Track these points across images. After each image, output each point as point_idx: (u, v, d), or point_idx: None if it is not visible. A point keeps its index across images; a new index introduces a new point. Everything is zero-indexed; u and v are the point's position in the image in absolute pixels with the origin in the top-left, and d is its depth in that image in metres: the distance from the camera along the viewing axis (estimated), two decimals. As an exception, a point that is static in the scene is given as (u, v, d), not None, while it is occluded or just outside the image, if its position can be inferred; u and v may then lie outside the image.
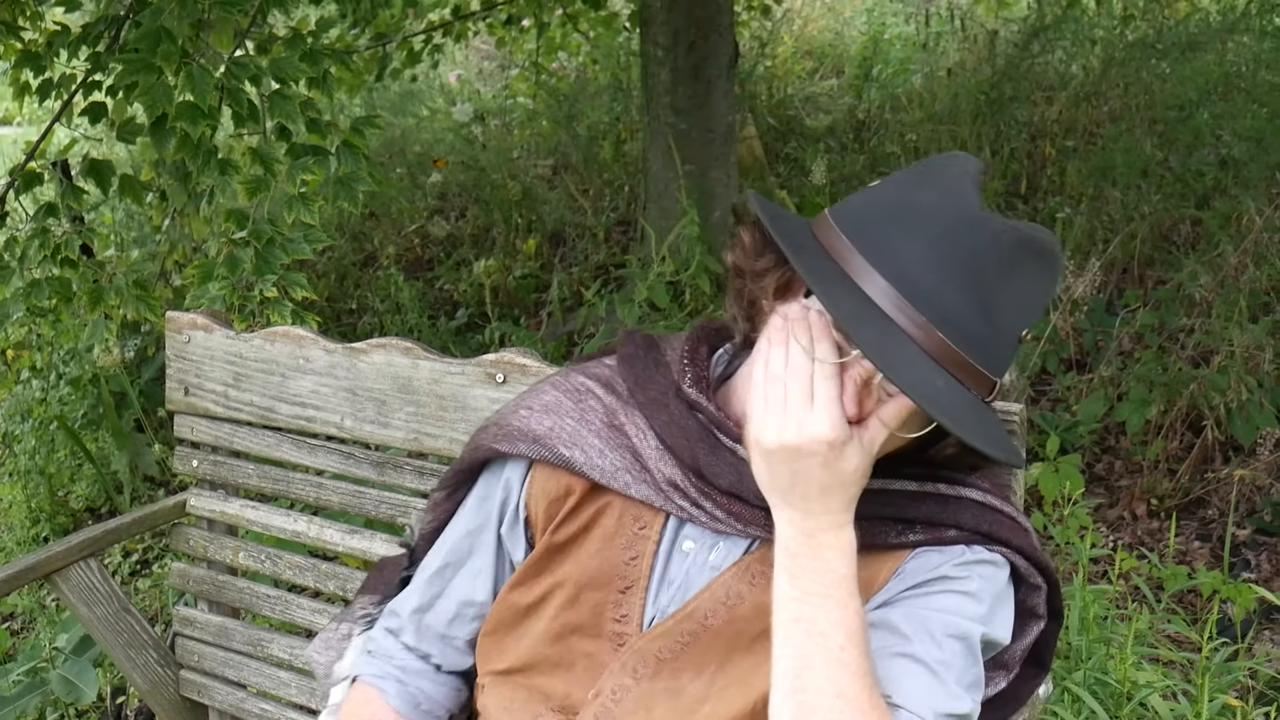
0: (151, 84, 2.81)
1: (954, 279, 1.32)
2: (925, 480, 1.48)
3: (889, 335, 1.31)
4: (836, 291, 1.32)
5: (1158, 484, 3.85)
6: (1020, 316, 1.36)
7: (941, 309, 1.31)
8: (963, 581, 1.44)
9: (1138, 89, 5.98)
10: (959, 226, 1.34)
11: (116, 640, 2.51)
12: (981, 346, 1.33)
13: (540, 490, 1.59)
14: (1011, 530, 1.49)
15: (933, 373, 1.30)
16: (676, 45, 4.92)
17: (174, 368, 2.49)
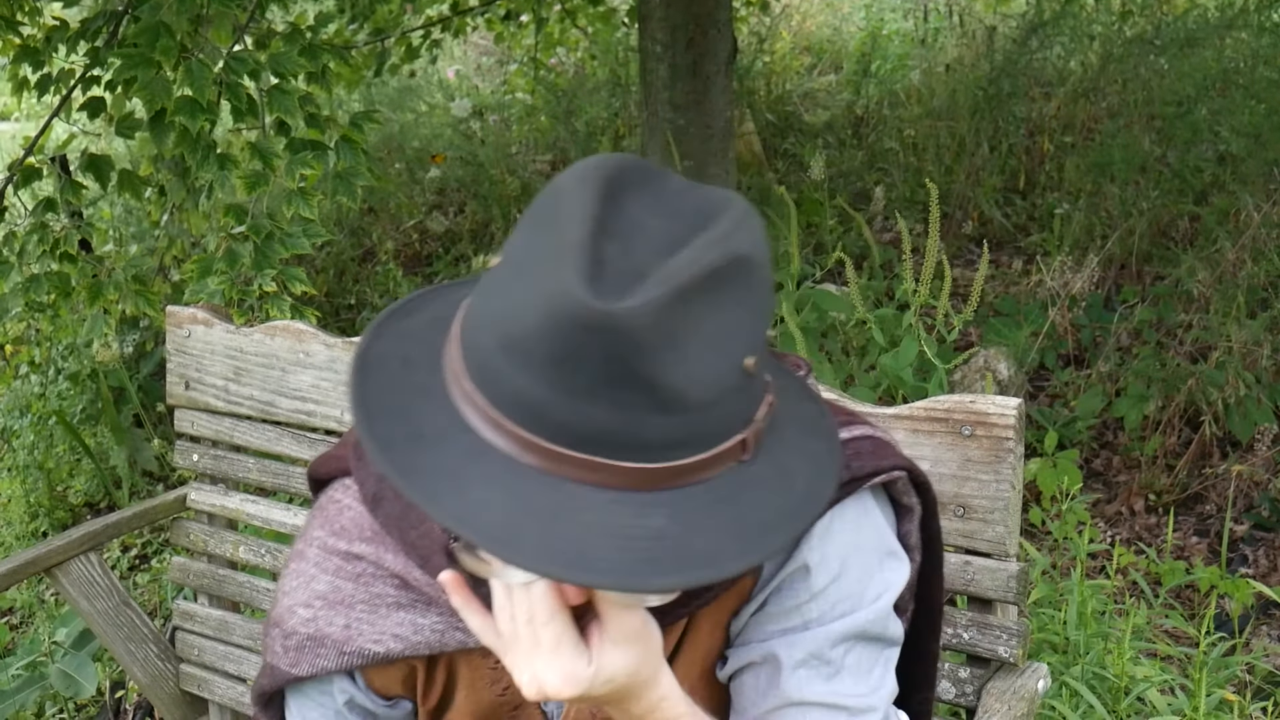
0: (150, 79, 2.81)
1: (595, 390, 1.01)
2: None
3: (538, 512, 1.03)
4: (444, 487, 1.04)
5: (1156, 479, 3.85)
6: (715, 369, 1.03)
7: (597, 433, 1.02)
8: (822, 569, 1.27)
9: (1136, 85, 5.98)
10: (575, 326, 0.99)
11: (116, 634, 2.51)
12: (678, 438, 1.04)
13: (387, 680, 1.41)
14: (872, 453, 1.31)
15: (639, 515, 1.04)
16: (675, 41, 4.92)
17: (174, 362, 2.50)
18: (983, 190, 5.63)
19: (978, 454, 1.68)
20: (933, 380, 2.93)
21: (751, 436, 1.08)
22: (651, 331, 0.99)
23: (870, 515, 1.31)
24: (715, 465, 1.06)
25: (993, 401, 1.67)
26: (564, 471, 1.03)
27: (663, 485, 1.04)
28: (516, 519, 1.02)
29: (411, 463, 1.06)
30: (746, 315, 1.05)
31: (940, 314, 2.86)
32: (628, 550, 1.01)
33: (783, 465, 1.11)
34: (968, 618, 1.74)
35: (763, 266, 1.07)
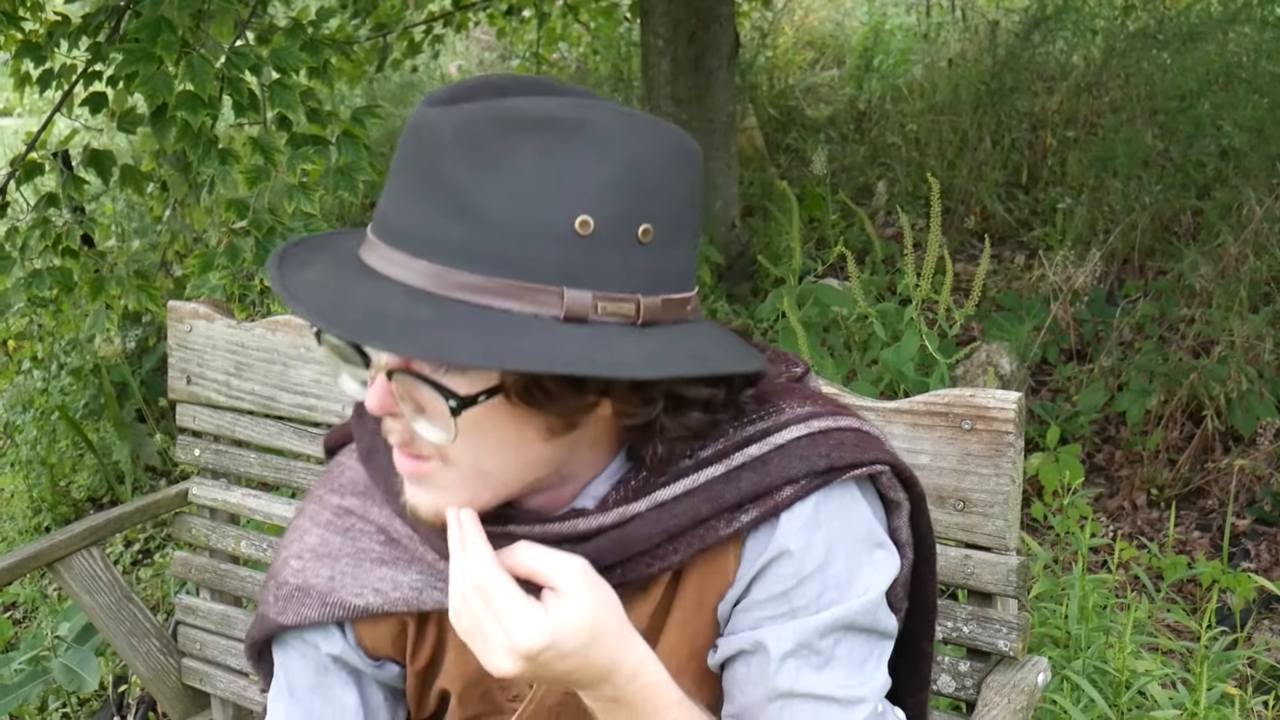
0: (152, 74, 2.81)
1: (409, 187, 1.12)
2: (730, 454, 1.26)
3: (336, 285, 1.12)
4: (295, 279, 1.14)
5: (1157, 474, 3.86)
6: (530, 201, 1.07)
7: (403, 228, 1.11)
8: (809, 554, 1.26)
9: (1138, 79, 5.97)
10: (415, 130, 1.13)
11: (119, 629, 2.51)
12: (469, 248, 1.08)
13: (375, 637, 1.42)
14: (857, 445, 1.28)
15: (411, 303, 1.08)
16: (677, 36, 4.92)
17: (176, 357, 2.50)
18: (985, 185, 5.63)
19: (978, 448, 1.68)
20: (934, 375, 2.93)
21: (571, 298, 1.09)
22: (456, 137, 1.08)
23: (857, 506, 1.29)
24: (514, 299, 1.08)
25: (993, 395, 1.67)
26: (380, 265, 1.11)
27: (448, 291, 1.08)
28: (322, 292, 1.10)
29: (292, 255, 1.19)
30: (585, 176, 1.08)
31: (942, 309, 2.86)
32: (377, 320, 1.06)
33: (611, 343, 1.10)
34: (968, 611, 1.74)
35: (623, 148, 1.10)
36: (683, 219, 1.17)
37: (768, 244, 5.23)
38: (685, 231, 1.19)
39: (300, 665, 1.44)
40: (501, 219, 1.07)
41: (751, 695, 1.29)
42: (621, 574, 1.26)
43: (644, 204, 1.12)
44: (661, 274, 1.15)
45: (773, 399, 1.31)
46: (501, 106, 1.10)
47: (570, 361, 1.06)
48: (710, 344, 1.18)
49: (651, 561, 1.26)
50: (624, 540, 1.25)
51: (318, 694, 1.43)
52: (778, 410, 1.29)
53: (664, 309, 1.15)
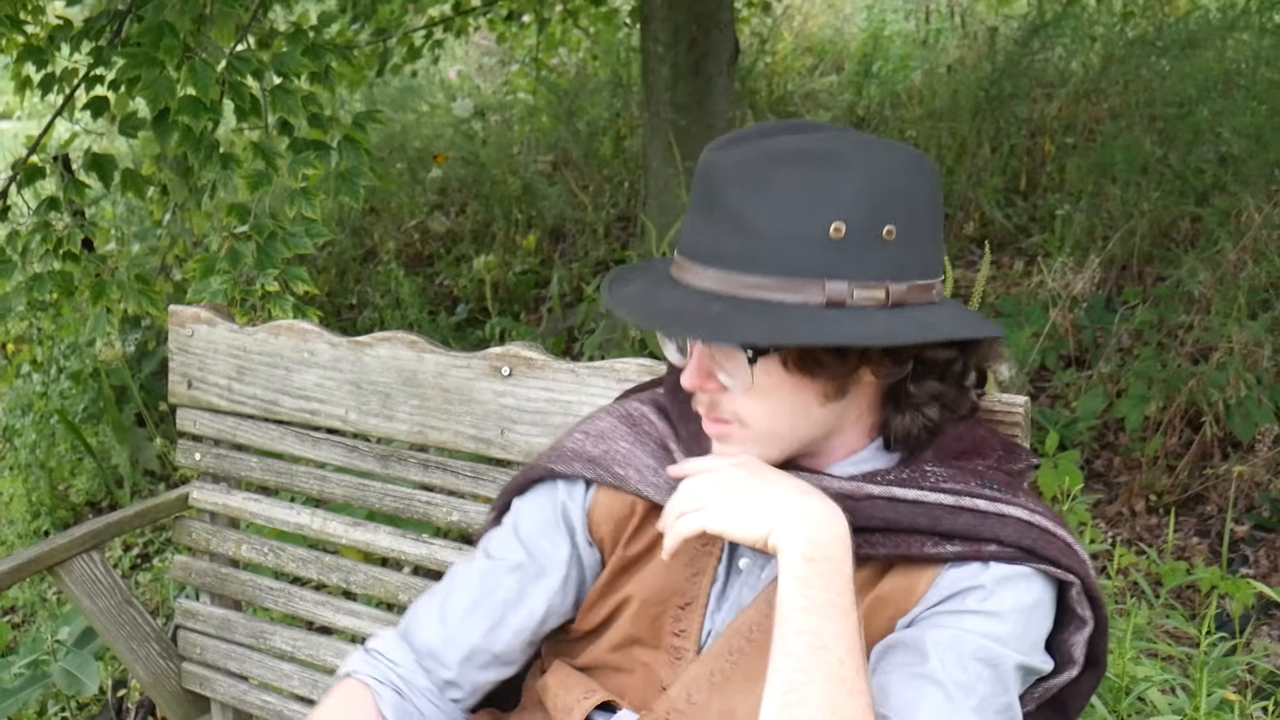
0: (154, 78, 2.82)
1: (700, 215, 1.40)
2: (962, 495, 1.45)
3: (650, 294, 1.43)
4: (620, 293, 1.47)
5: (1156, 480, 3.86)
6: (793, 215, 1.35)
7: (695, 246, 1.40)
8: (995, 599, 1.41)
9: (1137, 86, 5.98)
10: (703, 170, 1.41)
11: (119, 633, 2.52)
12: (747, 255, 1.35)
13: (605, 512, 1.63)
14: (1062, 552, 1.44)
15: (705, 301, 1.37)
16: (677, 41, 4.92)
17: (177, 361, 2.50)
18: (984, 191, 5.63)
19: (980, 453, 1.68)
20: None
21: (831, 287, 1.34)
22: (734, 171, 1.37)
23: (1042, 606, 1.44)
24: (785, 291, 1.35)
25: (999, 399, 1.68)
26: (682, 276, 1.42)
27: (733, 290, 1.36)
28: (636, 298, 1.44)
29: (616, 278, 1.52)
30: (836, 191, 1.34)
31: (942, 314, 2.86)
32: (680, 315, 1.38)
33: (867, 319, 1.35)
34: (969, 617, 1.74)
35: (868, 168, 1.36)
36: (921, 219, 1.41)
37: (767, 249, 5.22)
38: (925, 229, 1.42)
39: (537, 509, 1.67)
40: (771, 231, 1.34)
41: (890, 673, 1.38)
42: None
43: (885, 210, 1.36)
44: (905, 264, 1.39)
45: (1015, 489, 1.49)
46: (768, 145, 1.39)
47: (830, 335, 1.33)
48: (945, 319, 1.41)
49: (861, 544, 1.42)
50: (854, 510, 1.42)
51: (543, 534, 1.65)
52: (1017, 495, 1.47)
53: (910, 293, 1.39)
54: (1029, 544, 1.42)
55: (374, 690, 1.58)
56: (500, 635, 1.62)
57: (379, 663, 1.61)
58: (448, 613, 1.63)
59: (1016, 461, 1.54)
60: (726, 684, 1.50)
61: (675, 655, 1.56)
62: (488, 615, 1.62)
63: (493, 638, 1.62)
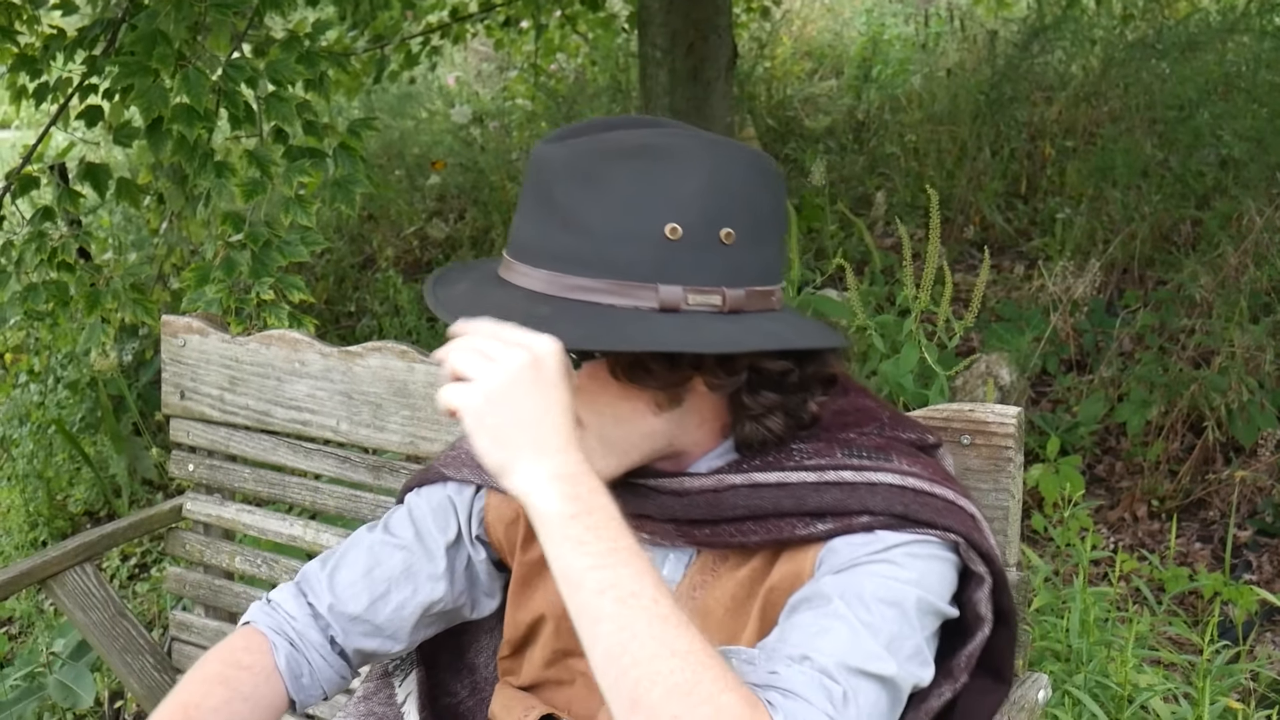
0: (148, 87, 2.81)
1: (529, 212, 1.35)
2: (826, 470, 1.42)
3: (476, 295, 1.37)
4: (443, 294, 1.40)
5: (1158, 485, 3.84)
6: (626, 214, 1.29)
7: (525, 244, 1.35)
8: (890, 553, 1.36)
9: (1137, 89, 5.97)
10: (534, 165, 1.36)
11: (113, 645, 2.50)
12: (577, 255, 1.30)
13: (496, 515, 1.64)
14: (941, 511, 1.40)
15: (533, 303, 1.31)
16: (675, 47, 4.91)
17: (169, 371, 2.49)
18: (984, 195, 5.62)
19: (977, 463, 1.66)
20: (934, 387, 2.92)
21: (665, 291, 1.29)
22: (565, 165, 1.31)
23: (937, 560, 1.39)
24: (617, 295, 1.29)
25: (992, 410, 1.66)
26: (510, 275, 1.36)
27: (563, 293, 1.31)
28: (463, 301, 1.35)
29: (442, 277, 1.45)
30: (674, 189, 1.30)
31: (941, 320, 2.85)
32: (505, 318, 1.27)
33: (697, 327, 1.30)
34: (968, 628, 1.72)
35: (706, 166, 1.31)
36: (762, 223, 1.36)
37: (766, 255, 5.21)
38: (767, 234, 1.37)
39: (429, 497, 1.69)
40: (603, 229, 1.30)
41: (796, 618, 1.33)
42: (710, 534, 1.44)
43: (725, 211, 1.32)
44: (744, 269, 1.34)
45: (889, 451, 1.45)
46: (603, 138, 1.34)
47: (664, 341, 1.27)
48: (786, 327, 1.36)
49: (734, 533, 1.42)
50: (716, 504, 1.42)
51: (434, 519, 1.66)
52: (886, 459, 1.44)
53: (748, 299, 1.34)
54: (900, 510, 1.38)
55: (270, 640, 1.60)
56: (381, 609, 1.63)
57: (277, 614, 1.63)
58: (336, 580, 1.63)
59: (907, 430, 1.51)
60: None
61: None
62: (370, 589, 1.62)
63: (374, 610, 1.62)
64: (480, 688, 1.83)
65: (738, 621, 1.45)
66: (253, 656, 1.58)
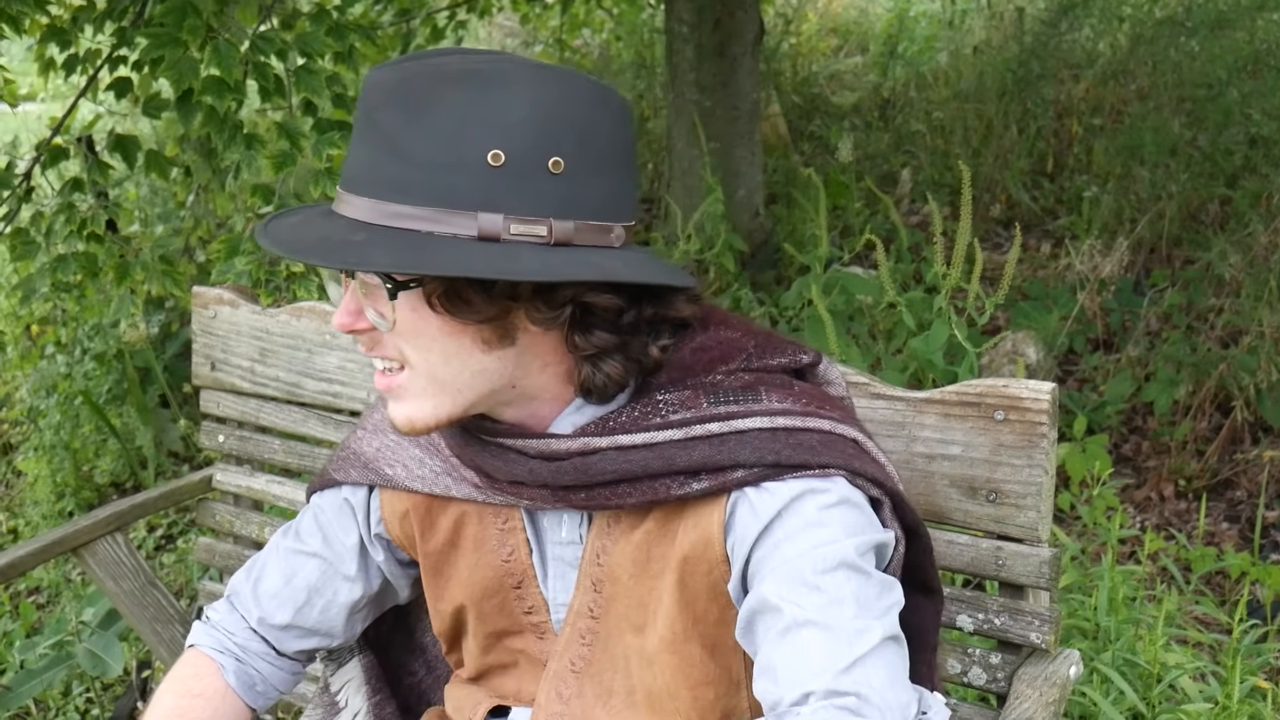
0: (178, 58, 2.80)
1: (357, 140, 1.31)
2: (692, 424, 1.36)
3: (303, 227, 1.33)
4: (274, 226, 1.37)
5: (1185, 465, 3.83)
6: (449, 140, 1.24)
7: (352, 174, 1.31)
8: (795, 518, 1.32)
9: (1166, 67, 5.93)
10: (363, 91, 1.32)
11: (143, 614, 2.51)
12: (399, 183, 1.26)
13: (390, 512, 1.63)
14: (816, 449, 1.35)
15: (352, 230, 1.27)
16: (701, 22, 4.90)
17: (200, 343, 2.49)
18: (1010, 173, 5.59)
19: (1010, 439, 1.66)
20: (964, 364, 2.91)
21: (484, 220, 1.25)
22: (391, 90, 1.27)
23: (844, 499, 1.34)
24: (435, 223, 1.26)
25: (1026, 385, 1.65)
26: (339, 207, 1.32)
27: (382, 220, 1.27)
28: (287, 231, 1.33)
29: (280, 213, 1.41)
30: (498, 116, 1.25)
31: (971, 297, 2.84)
32: (322, 244, 1.28)
33: (515, 255, 1.25)
34: (999, 603, 1.72)
35: (535, 93, 1.27)
36: (600, 154, 1.30)
37: (792, 231, 5.21)
38: (606, 166, 1.31)
39: (331, 499, 1.68)
40: (424, 156, 1.25)
41: (764, 646, 1.30)
42: (586, 498, 1.40)
43: (554, 140, 1.26)
44: (575, 202, 1.28)
45: (757, 389, 1.40)
46: (431, 63, 1.29)
47: (470, 268, 1.23)
48: (620, 263, 1.30)
49: (609, 496, 1.39)
50: (585, 468, 1.38)
51: (338, 522, 1.66)
52: (755, 399, 1.39)
53: (578, 233, 1.29)
54: (773, 458, 1.33)
55: (216, 661, 1.64)
56: (308, 615, 1.66)
57: (217, 632, 1.67)
58: (260, 593, 1.66)
59: (776, 355, 1.45)
60: (591, 668, 1.50)
61: (539, 632, 1.56)
62: (292, 599, 1.65)
63: (301, 616, 1.66)
64: (434, 666, 1.88)
65: (644, 586, 1.43)
66: (203, 682, 1.63)
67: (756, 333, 1.47)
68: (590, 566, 1.47)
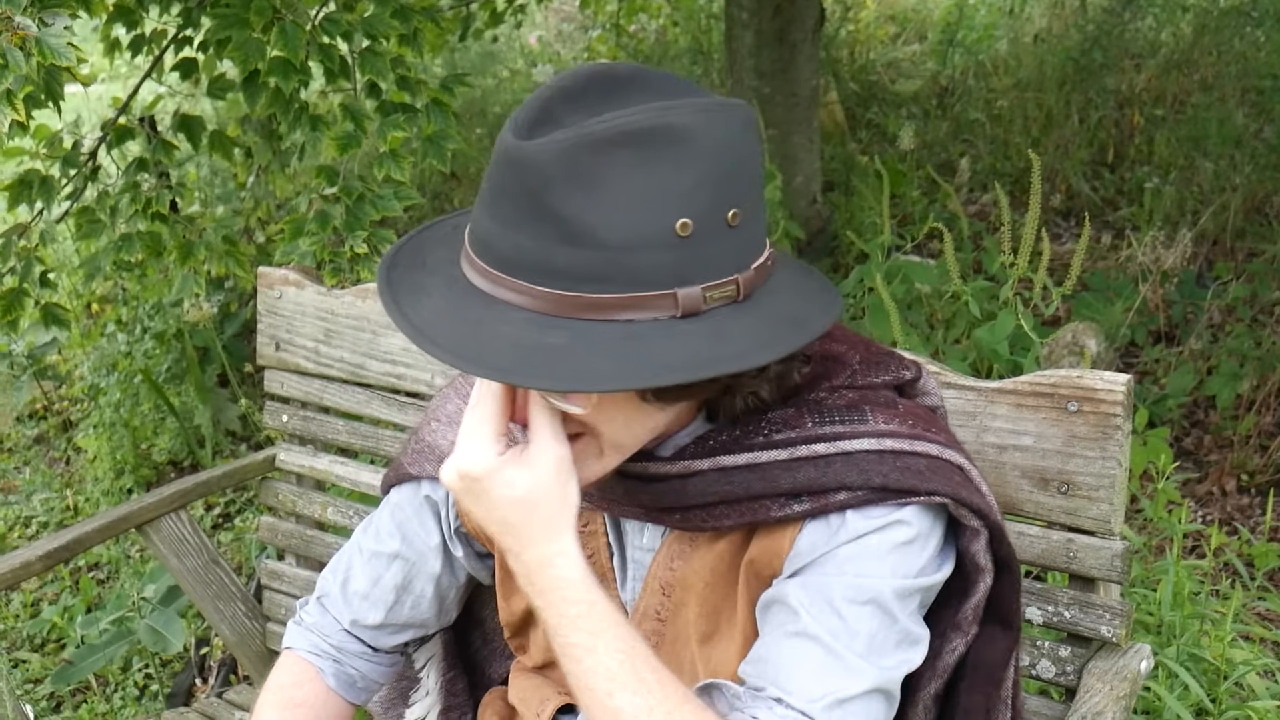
0: (245, 39, 2.81)
1: (513, 217, 1.20)
2: (797, 445, 1.34)
3: (461, 317, 1.23)
4: (416, 310, 1.26)
5: (1248, 459, 3.78)
6: (633, 217, 1.16)
7: (514, 256, 1.20)
8: (860, 544, 1.31)
9: (1230, 57, 5.86)
10: (512, 163, 1.19)
11: (205, 592, 2.53)
12: (586, 270, 1.17)
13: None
14: (924, 474, 1.33)
15: (541, 330, 1.19)
16: (761, 9, 4.87)
17: (265, 323, 2.51)
18: (1070, 163, 5.54)
19: (1084, 430, 1.64)
20: (1029, 355, 2.88)
21: (684, 296, 1.18)
22: (555, 167, 1.15)
23: (920, 537, 1.33)
24: (635, 309, 1.18)
25: (1100, 377, 1.63)
26: (497, 291, 1.21)
27: (574, 314, 1.18)
28: (447, 323, 1.22)
29: (397, 279, 1.30)
30: (677, 180, 1.16)
31: (1038, 287, 2.81)
32: (521, 355, 1.16)
33: (724, 332, 1.20)
34: (1069, 596, 1.71)
35: (705, 144, 1.17)
36: (758, 190, 1.25)
37: (849, 219, 5.18)
38: (761, 199, 1.26)
39: (409, 496, 1.66)
40: (611, 239, 1.16)
41: (768, 635, 1.32)
42: (681, 519, 1.39)
43: (730, 191, 1.20)
44: (750, 246, 1.24)
45: (863, 407, 1.37)
46: (590, 131, 1.15)
47: (695, 367, 1.17)
48: (800, 300, 1.28)
49: (706, 518, 1.37)
50: (683, 490, 1.36)
51: (417, 520, 1.64)
52: (861, 419, 1.36)
53: (756, 276, 1.24)
54: (879, 481, 1.31)
55: (315, 665, 1.64)
56: (399, 613, 1.66)
57: (312, 635, 1.67)
58: (349, 594, 1.66)
59: (880, 372, 1.42)
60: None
61: None
62: (382, 599, 1.65)
63: (393, 615, 1.65)
64: (490, 638, 1.88)
65: (719, 594, 1.42)
66: (304, 690, 1.63)
67: (858, 344, 1.45)
68: (662, 570, 1.46)
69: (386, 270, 1.32)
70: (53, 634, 3.80)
